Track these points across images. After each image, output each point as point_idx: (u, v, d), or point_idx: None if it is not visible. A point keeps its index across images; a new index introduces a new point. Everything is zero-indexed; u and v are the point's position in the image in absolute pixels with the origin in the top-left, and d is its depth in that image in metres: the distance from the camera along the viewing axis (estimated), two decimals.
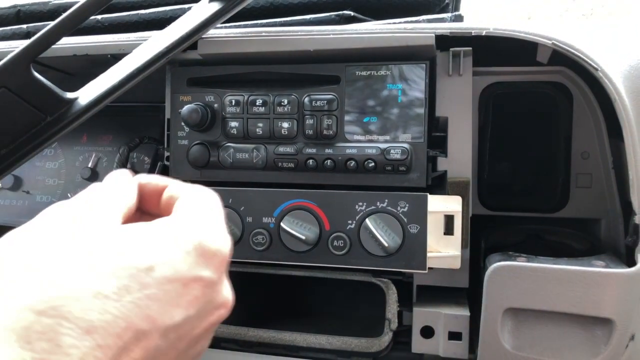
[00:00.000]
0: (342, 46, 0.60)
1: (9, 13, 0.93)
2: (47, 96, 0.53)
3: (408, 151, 0.58)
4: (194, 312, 0.31)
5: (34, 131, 0.53)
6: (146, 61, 0.56)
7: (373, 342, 0.64)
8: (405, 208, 0.58)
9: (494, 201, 0.72)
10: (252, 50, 0.62)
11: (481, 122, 0.70)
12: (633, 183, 0.53)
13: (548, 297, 0.53)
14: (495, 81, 0.69)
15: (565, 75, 0.66)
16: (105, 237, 0.30)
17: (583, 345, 0.54)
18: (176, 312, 0.30)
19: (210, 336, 0.35)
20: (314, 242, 0.60)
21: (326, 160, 0.60)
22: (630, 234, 0.54)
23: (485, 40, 0.58)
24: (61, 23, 0.52)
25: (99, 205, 0.34)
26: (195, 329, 0.32)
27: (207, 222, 0.34)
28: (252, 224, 0.62)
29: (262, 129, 0.62)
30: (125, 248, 0.30)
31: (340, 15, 0.73)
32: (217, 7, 0.58)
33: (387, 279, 0.64)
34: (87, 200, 0.34)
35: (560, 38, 0.55)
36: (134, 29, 0.79)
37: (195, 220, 0.34)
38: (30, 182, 0.85)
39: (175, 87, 0.66)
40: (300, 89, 0.61)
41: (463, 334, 0.60)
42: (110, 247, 0.30)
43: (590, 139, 0.67)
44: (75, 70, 0.74)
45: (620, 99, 0.53)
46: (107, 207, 0.34)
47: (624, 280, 0.51)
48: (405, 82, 0.59)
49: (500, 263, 0.54)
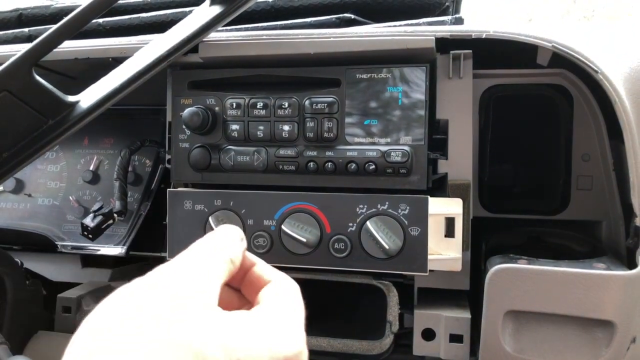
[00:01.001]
0: (343, 49, 0.60)
1: (10, 16, 0.93)
2: (48, 99, 0.53)
3: (409, 154, 0.59)
4: None
5: (36, 134, 0.54)
6: (147, 64, 0.56)
7: (374, 344, 0.64)
8: (406, 210, 0.58)
9: (494, 203, 0.72)
10: (253, 53, 0.62)
11: (481, 125, 0.71)
12: (634, 185, 0.53)
13: (549, 300, 0.53)
14: (495, 84, 0.69)
15: (566, 78, 0.66)
16: (212, 327, 0.30)
17: (584, 347, 0.54)
18: None
19: None
20: (315, 244, 0.60)
21: (327, 162, 0.61)
22: (631, 236, 0.54)
23: (485, 43, 0.58)
24: (63, 27, 0.52)
25: (199, 281, 0.33)
26: None
27: (294, 325, 0.36)
28: (253, 227, 0.62)
29: (263, 131, 0.62)
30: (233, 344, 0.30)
31: (341, 18, 0.73)
32: (218, 11, 0.58)
33: (388, 281, 0.64)
34: (188, 274, 0.33)
35: (560, 41, 0.55)
36: (136, 32, 0.80)
37: (284, 325, 0.35)
38: (32, 185, 0.85)
39: (176, 90, 0.66)
40: (301, 91, 0.61)
41: (464, 336, 0.60)
42: (220, 340, 0.29)
43: (591, 141, 0.67)
44: (76, 73, 0.74)
45: (621, 101, 0.53)
46: (208, 283, 0.33)
47: (625, 282, 0.51)
48: (406, 85, 0.59)
49: (501, 265, 0.54)
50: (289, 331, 0.34)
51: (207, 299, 0.32)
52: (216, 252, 0.36)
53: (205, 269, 0.34)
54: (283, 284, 0.39)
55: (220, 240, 0.38)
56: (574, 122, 0.68)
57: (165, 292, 0.30)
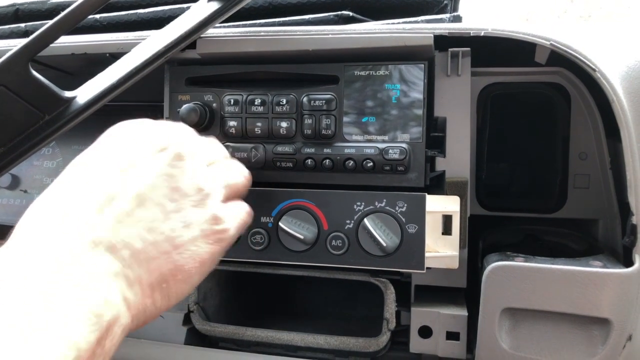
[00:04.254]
0: (341, 46, 0.60)
1: (7, 12, 0.93)
2: (45, 95, 0.53)
3: (406, 151, 0.59)
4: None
5: (32, 130, 0.53)
6: (145, 60, 0.56)
7: (371, 342, 0.64)
8: (403, 208, 0.58)
9: (492, 201, 0.72)
10: (250, 50, 0.62)
11: (479, 123, 0.71)
12: (630, 183, 0.53)
13: (546, 297, 0.53)
14: (493, 82, 0.69)
15: (563, 76, 0.67)
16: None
17: (580, 345, 0.54)
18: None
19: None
20: (312, 241, 0.60)
21: (325, 160, 0.60)
22: (627, 234, 0.54)
23: (483, 41, 0.58)
24: (59, 22, 0.52)
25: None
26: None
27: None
28: (251, 224, 0.62)
29: (261, 128, 0.62)
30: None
31: (339, 15, 0.73)
32: (215, 7, 0.58)
33: (385, 278, 0.64)
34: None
35: (558, 39, 0.55)
36: (133, 28, 0.79)
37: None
38: (27, 181, 0.85)
39: (173, 87, 0.66)
40: (298, 88, 0.61)
41: (461, 334, 0.60)
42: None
43: (588, 140, 0.67)
44: (73, 69, 0.74)
45: (618, 99, 0.53)
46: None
47: (622, 280, 0.51)
48: (404, 82, 0.59)
49: (498, 263, 0.54)
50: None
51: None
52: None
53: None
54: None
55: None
56: (572, 120, 0.68)
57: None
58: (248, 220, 0.51)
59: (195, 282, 0.42)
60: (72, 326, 0.31)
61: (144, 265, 0.38)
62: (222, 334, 0.68)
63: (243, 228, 0.50)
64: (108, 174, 0.40)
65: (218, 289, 0.74)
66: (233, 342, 0.70)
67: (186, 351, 0.68)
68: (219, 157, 0.51)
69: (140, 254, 0.37)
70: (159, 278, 0.39)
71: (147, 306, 0.38)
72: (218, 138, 0.63)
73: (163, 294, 0.39)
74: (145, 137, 0.43)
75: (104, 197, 0.38)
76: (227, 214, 0.45)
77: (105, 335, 0.34)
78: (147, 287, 0.38)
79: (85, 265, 0.34)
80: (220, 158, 0.51)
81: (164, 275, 0.39)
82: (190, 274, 0.41)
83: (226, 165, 0.51)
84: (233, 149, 0.63)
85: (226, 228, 0.44)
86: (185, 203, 0.41)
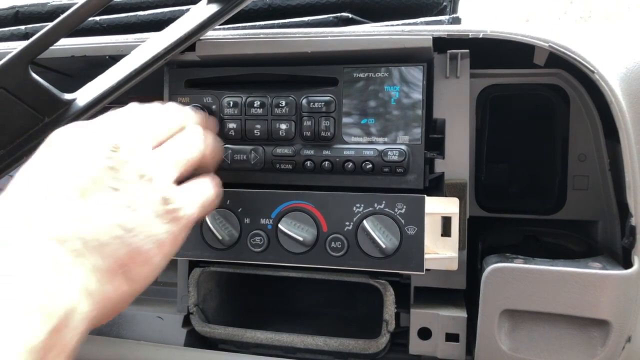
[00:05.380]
0: (340, 48, 0.60)
1: (7, 14, 0.93)
2: (45, 97, 0.53)
3: (405, 153, 0.59)
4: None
5: (32, 132, 0.53)
6: (144, 62, 0.56)
7: (370, 343, 0.64)
8: (402, 210, 0.58)
9: (491, 203, 0.72)
10: (250, 52, 0.62)
11: (478, 124, 0.71)
12: (629, 185, 0.53)
13: (545, 299, 0.53)
14: (492, 83, 0.69)
15: (562, 78, 0.67)
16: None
17: (579, 346, 0.54)
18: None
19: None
20: (312, 243, 0.60)
21: (324, 161, 0.61)
22: (626, 235, 0.54)
23: (482, 43, 0.58)
24: (59, 24, 0.52)
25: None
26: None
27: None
28: (250, 226, 0.62)
29: (260, 130, 0.62)
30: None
31: (338, 17, 0.73)
32: (215, 9, 0.58)
33: (385, 280, 0.64)
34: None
35: (557, 41, 0.55)
36: (133, 30, 0.79)
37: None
38: None
39: (173, 89, 0.66)
40: (298, 90, 0.61)
41: (460, 335, 0.60)
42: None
43: (587, 141, 0.67)
44: (73, 71, 0.74)
45: (617, 101, 0.53)
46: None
47: (621, 281, 0.51)
48: (403, 84, 0.60)
49: (497, 264, 0.54)
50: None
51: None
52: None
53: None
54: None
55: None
56: (571, 122, 0.68)
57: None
58: (211, 196, 0.51)
59: (158, 264, 0.43)
60: (19, 322, 0.31)
61: (97, 251, 0.38)
62: (221, 335, 0.68)
63: (209, 205, 0.50)
64: (50, 175, 0.40)
65: (218, 291, 0.74)
66: (233, 343, 0.70)
67: (186, 353, 0.68)
68: (175, 129, 0.50)
69: (91, 241, 0.38)
70: (117, 262, 0.39)
71: (110, 292, 0.39)
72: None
73: (125, 278, 0.40)
74: (84, 134, 0.43)
75: (48, 194, 0.39)
76: (178, 194, 0.45)
77: (61, 327, 0.33)
78: (105, 273, 0.38)
79: (33, 260, 0.35)
80: (175, 131, 0.49)
81: (120, 259, 0.39)
82: (150, 255, 0.41)
83: (180, 142, 0.49)
84: (232, 150, 0.63)
85: (178, 207, 0.44)
86: (128, 189, 0.41)
